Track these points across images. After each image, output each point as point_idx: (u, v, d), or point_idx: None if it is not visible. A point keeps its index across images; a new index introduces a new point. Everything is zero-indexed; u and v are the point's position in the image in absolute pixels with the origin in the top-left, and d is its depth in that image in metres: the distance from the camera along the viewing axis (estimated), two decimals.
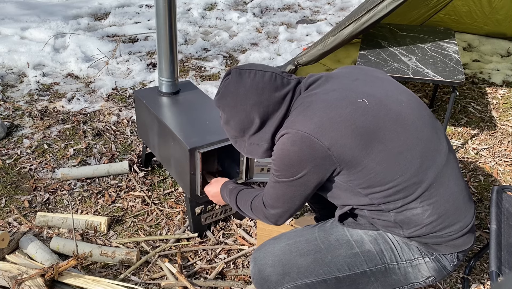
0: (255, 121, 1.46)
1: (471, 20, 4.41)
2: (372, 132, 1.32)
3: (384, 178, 1.34)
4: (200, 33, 4.91)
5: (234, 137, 1.56)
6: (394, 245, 1.47)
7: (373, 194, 1.37)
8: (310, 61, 2.87)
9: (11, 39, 4.38)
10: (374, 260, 1.47)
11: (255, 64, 1.51)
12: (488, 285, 2.10)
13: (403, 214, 1.39)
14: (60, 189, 2.60)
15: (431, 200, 1.38)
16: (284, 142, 1.36)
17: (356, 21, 2.73)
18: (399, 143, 1.35)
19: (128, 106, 3.44)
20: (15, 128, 3.13)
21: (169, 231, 2.35)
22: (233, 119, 1.50)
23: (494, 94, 3.82)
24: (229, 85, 1.49)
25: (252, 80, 1.45)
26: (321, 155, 1.32)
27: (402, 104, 1.41)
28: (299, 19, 5.37)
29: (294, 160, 1.35)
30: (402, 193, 1.36)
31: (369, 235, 1.49)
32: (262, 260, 1.54)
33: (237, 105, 1.47)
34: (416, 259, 1.47)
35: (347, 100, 1.36)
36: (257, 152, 1.53)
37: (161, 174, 2.75)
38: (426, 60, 2.83)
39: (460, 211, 1.43)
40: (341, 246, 1.49)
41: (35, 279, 1.84)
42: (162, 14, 2.22)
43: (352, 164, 1.33)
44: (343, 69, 1.56)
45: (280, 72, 1.50)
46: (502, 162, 2.99)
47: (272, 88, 1.45)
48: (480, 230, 2.43)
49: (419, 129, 1.39)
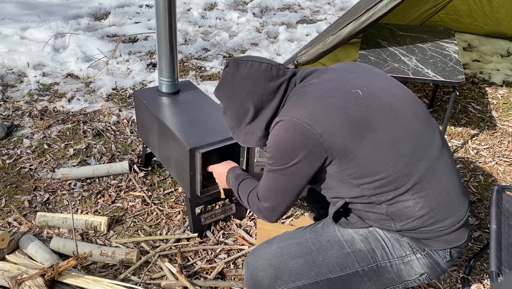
0: (250, 110, 1.49)
1: (471, 20, 4.41)
2: (364, 122, 1.34)
3: (375, 168, 1.35)
4: (200, 33, 4.91)
5: (231, 127, 1.59)
6: (385, 243, 1.47)
7: (364, 184, 1.38)
8: (309, 60, 2.87)
9: (11, 39, 4.38)
10: (365, 259, 1.47)
11: (253, 56, 1.54)
12: (488, 285, 2.10)
13: (394, 206, 1.39)
14: (60, 189, 2.60)
15: (422, 193, 1.38)
16: (278, 129, 1.39)
17: (355, 20, 2.72)
18: (390, 134, 1.36)
19: (128, 106, 3.44)
20: (15, 128, 3.13)
21: (169, 231, 2.35)
22: (229, 108, 1.53)
23: (494, 94, 3.82)
24: (226, 75, 1.52)
25: (248, 70, 1.48)
26: (313, 142, 1.34)
27: (396, 98, 1.42)
28: (299, 19, 5.37)
29: (287, 146, 1.37)
30: (393, 184, 1.37)
31: (359, 234, 1.49)
32: (254, 264, 1.55)
33: (233, 94, 1.50)
34: (407, 255, 1.46)
35: (341, 90, 1.39)
36: (252, 140, 1.54)
37: (161, 174, 2.75)
38: (426, 60, 2.82)
39: (452, 205, 1.43)
40: (332, 246, 1.49)
41: (35, 279, 1.84)
42: (162, 14, 2.22)
43: (344, 153, 1.34)
44: (340, 64, 1.58)
45: (277, 64, 1.52)
46: (502, 162, 2.99)
47: (267, 78, 1.47)
48: (480, 230, 2.43)
49: (411, 123, 1.40)
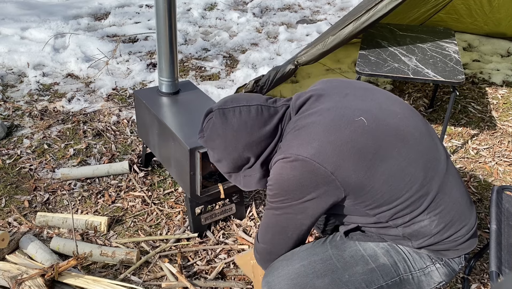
0: (250, 159, 1.43)
1: (471, 20, 4.41)
2: (374, 153, 1.29)
3: (391, 196, 1.32)
4: (200, 33, 4.91)
5: (227, 173, 1.52)
6: (406, 256, 1.45)
7: (380, 213, 1.35)
8: (310, 60, 2.87)
9: (11, 39, 4.38)
10: (389, 273, 1.44)
11: (237, 99, 1.44)
12: (488, 285, 2.10)
13: (410, 228, 1.37)
14: (60, 189, 2.60)
15: (437, 210, 1.37)
16: (282, 166, 1.31)
17: (355, 20, 2.72)
18: (401, 159, 1.32)
19: (128, 106, 3.44)
20: (15, 128, 3.13)
21: (169, 231, 2.35)
22: (225, 159, 1.46)
23: (494, 94, 3.82)
24: (214, 127, 1.43)
25: (238, 120, 1.40)
26: (325, 180, 1.28)
27: (398, 117, 1.38)
28: (299, 19, 5.36)
29: (293, 185, 1.30)
30: (410, 208, 1.34)
31: (381, 247, 1.45)
32: (277, 285, 1.44)
33: (228, 147, 1.42)
34: (428, 266, 1.45)
35: (344, 120, 1.32)
36: (252, 183, 1.49)
37: (161, 174, 2.75)
38: (426, 60, 2.82)
39: (464, 215, 1.43)
40: (356, 263, 1.44)
41: (35, 279, 1.84)
42: (162, 14, 2.22)
43: (358, 187, 1.30)
44: (327, 84, 1.50)
45: (265, 101, 1.44)
46: (502, 162, 2.99)
47: (261, 124, 1.40)
48: (480, 230, 2.43)
49: (418, 141, 1.37)
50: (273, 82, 2.96)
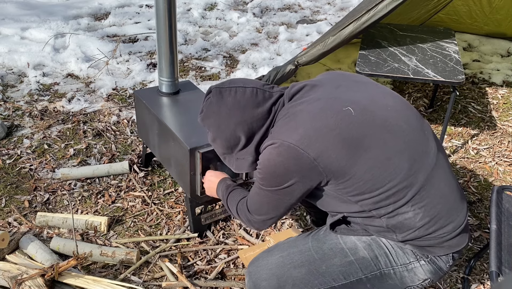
0: (241, 139, 1.48)
1: (471, 20, 4.41)
2: (358, 141, 1.32)
3: (373, 185, 1.34)
4: (200, 33, 4.91)
5: (222, 154, 1.58)
6: (388, 250, 1.46)
7: (363, 200, 1.37)
8: (310, 61, 2.87)
9: (11, 39, 4.38)
10: (369, 267, 1.46)
11: (235, 81, 1.51)
12: (488, 285, 2.10)
13: (394, 219, 1.38)
14: (60, 189, 2.60)
15: (422, 203, 1.37)
16: (270, 152, 1.37)
17: (356, 21, 2.72)
18: (386, 149, 1.34)
19: (128, 106, 3.44)
20: (15, 128, 3.13)
21: (169, 231, 2.35)
22: (219, 138, 1.52)
23: (494, 94, 3.82)
24: (211, 105, 1.50)
25: (233, 99, 1.46)
26: (308, 166, 1.33)
27: (388, 109, 1.40)
28: (299, 19, 5.37)
29: (280, 170, 1.36)
30: (393, 198, 1.36)
31: (362, 241, 1.48)
32: (256, 274, 1.54)
33: (221, 125, 1.48)
34: (411, 262, 1.46)
35: (332, 109, 1.36)
36: (244, 166, 1.54)
37: (161, 174, 2.75)
38: (426, 60, 2.83)
39: (452, 211, 1.43)
40: (335, 255, 1.48)
41: (35, 279, 1.84)
42: (162, 14, 2.22)
43: (340, 174, 1.33)
44: (325, 76, 1.56)
45: (261, 85, 1.49)
46: (502, 162, 2.99)
47: (254, 105, 1.45)
48: (480, 230, 2.43)
49: (406, 133, 1.39)
50: (273, 83, 2.97)
